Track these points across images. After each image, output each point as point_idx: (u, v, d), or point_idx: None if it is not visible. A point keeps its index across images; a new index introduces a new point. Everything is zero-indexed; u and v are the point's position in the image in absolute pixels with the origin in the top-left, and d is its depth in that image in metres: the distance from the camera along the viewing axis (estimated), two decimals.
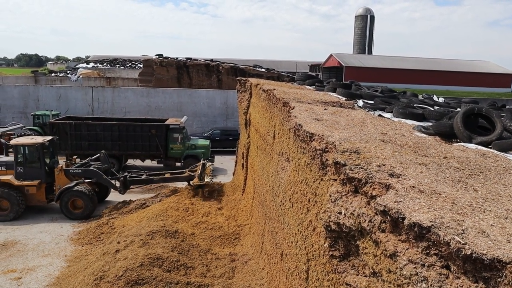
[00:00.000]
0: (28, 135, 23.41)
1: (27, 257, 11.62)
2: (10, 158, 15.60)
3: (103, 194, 16.85)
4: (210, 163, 18.38)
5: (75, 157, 18.02)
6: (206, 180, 15.69)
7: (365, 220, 3.62)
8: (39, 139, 15.57)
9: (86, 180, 15.71)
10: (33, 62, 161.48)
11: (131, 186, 16.79)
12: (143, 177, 16.71)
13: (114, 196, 17.17)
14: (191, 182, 15.90)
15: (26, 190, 14.78)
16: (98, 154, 16.82)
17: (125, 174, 16.72)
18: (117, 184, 16.09)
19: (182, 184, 18.90)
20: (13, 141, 15.66)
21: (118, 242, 10.94)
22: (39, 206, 15.48)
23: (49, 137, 16.12)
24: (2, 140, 19.42)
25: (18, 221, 14.32)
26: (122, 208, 15.25)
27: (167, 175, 16.94)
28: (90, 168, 15.99)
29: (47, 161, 15.47)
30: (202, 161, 17.42)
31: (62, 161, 16.91)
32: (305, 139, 5.90)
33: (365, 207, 3.73)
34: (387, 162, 4.10)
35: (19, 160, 14.92)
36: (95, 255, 10.87)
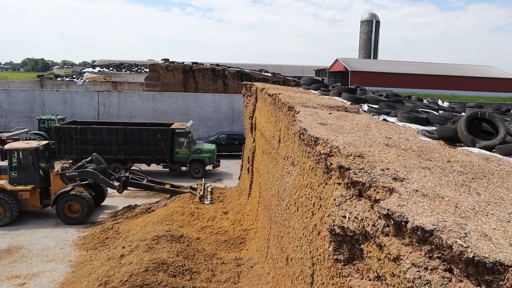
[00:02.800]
0: (34, 139, 23.63)
1: (31, 262, 11.60)
2: (6, 162, 15.42)
3: (100, 198, 16.73)
4: (210, 185, 18.25)
5: (70, 161, 18.01)
6: (206, 203, 15.59)
7: (369, 224, 3.65)
8: (33, 144, 15.44)
9: (82, 183, 15.61)
10: (39, 67, 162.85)
11: (131, 189, 16.70)
12: (144, 181, 16.67)
13: (113, 201, 17.24)
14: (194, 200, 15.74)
15: (19, 195, 14.61)
16: (90, 157, 16.63)
17: (126, 174, 16.67)
18: (115, 183, 15.99)
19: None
20: (7, 146, 15.53)
21: (123, 247, 10.98)
22: (40, 211, 15.43)
23: (44, 142, 16.04)
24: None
25: (22, 226, 14.33)
26: (127, 212, 15.30)
27: (167, 186, 16.90)
28: (86, 169, 15.81)
29: (43, 165, 15.38)
30: (203, 181, 17.43)
31: (58, 166, 16.86)
32: (310, 143, 5.94)
33: (368, 211, 3.76)
34: (391, 166, 4.13)
35: (13, 165, 14.83)
36: (100, 260, 10.89)
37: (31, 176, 14.89)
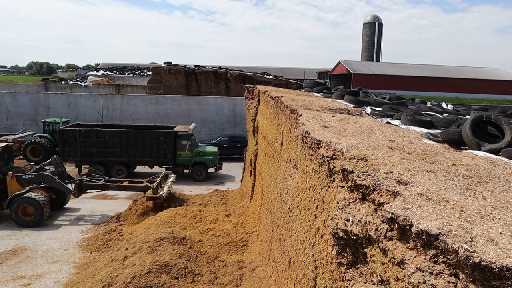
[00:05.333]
0: (39, 141, 23.73)
1: (36, 263, 11.69)
2: None
3: (62, 200, 16.57)
4: (173, 175, 18.25)
5: (32, 163, 17.98)
6: (161, 193, 15.61)
7: (372, 228, 3.61)
8: None
9: (39, 186, 15.53)
10: (44, 70, 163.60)
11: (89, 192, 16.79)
12: (100, 182, 16.62)
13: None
14: (145, 193, 15.82)
15: None
16: (50, 159, 16.55)
17: (81, 177, 16.63)
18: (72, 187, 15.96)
19: (190, 191, 18.98)
20: None
21: (126, 249, 10.99)
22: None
23: (2, 144, 16.01)
24: None
25: (28, 227, 14.41)
26: (130, 214, 15.29)
27: (125, 183, 16.92)
28: (43, 172, 15.73)
29: (0, 168, 15.28)
30: (164, 172, 17.40)
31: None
32: (312, 146, 5.90)
33: (371, 215, 3.72)
34: (394, 169, 4.09)
35: None
36: (103, 262, 10.91)
37: None
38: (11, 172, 15.40)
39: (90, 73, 70.34)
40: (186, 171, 22.11)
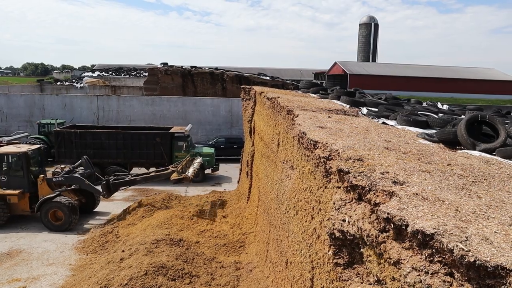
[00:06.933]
0: (34, 143, 23.61)
1: (32, 266, 11.63)
2: None
3: (91, 204, 16.47)
4: (200, 158, 18.30)
5: (62, 166, 17.95)
6: (186, 173, 15.52)
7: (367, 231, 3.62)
8: (23, 148, 15.37)
9: (69, 188, 15.48)
10: (39, 71, 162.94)
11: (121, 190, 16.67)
12: (126, 178, 16.56)
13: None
14: (170, 178, 15.66)
15: (8, 199, 14.57)
16: (80, 161, 16.52)
17: (108, 177, 16.56)
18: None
19: (187, 192, 18.98)
20: None
21: (123, 251, 10.96)
22: (29, 216, 15.28)
23: (35, 146, 15.96)
24: None
25: (23, 229, 14.34)
26: (127, 216, 15.26)
27: (152, 174, 16.82)
28: (72, 174, 15.68)
29: (33, 170, 15.28)
30: (189, 155, 17.32)
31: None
32: (309, 146, 5.92)
33: (368, 217, 3.73)
34: (390, 170, 4.11)
35: (3, 169, 14.80)
36: (99, 264, 10.87)
37: (20, 181, 14.84)
38: (42, 175, 15.38)
39: (86, 74, 70.13)
40: None
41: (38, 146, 16.15)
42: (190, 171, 15.89)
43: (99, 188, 15.84)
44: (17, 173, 14.91)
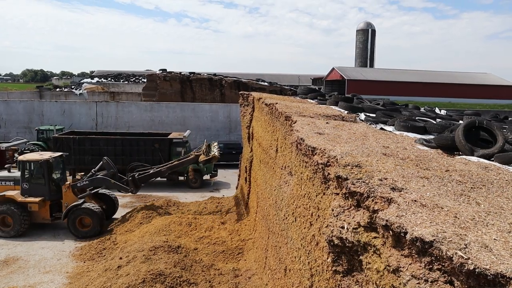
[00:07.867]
0: (33, 150, 23.53)
1: (28, 273, 11.52)
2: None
3: (111, 210, 16.45)
4: (216, 142, 18.56)
5: (81, 173, 17.94)
6: (212, 153, 15.97)
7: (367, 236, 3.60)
8: (45, 156, 15.26)
9: (92, 193, 15.45)
10: (38, 78, 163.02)
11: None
12: (151, 171, 16.54)
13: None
14: (199, 160, 16.05)
15: (29, 207, 14.44)
16: (101, 162, 16.45)
17: (133, 173, 16.44)
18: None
19: (185, 198, 18.90)
20: (20, 157, 15.42)
21: (120, 258, 10.88)
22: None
23: (57, 154, 15.83)
24: None
25: (20, 237, 14.20)
26: (125, 222, 15.17)
27: (175, 163, 16.92)
28: (97, 176, 15.67)
29: (55, 178, 15.20)
30: (206, 141, 17.64)
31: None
32: (307, 153, 5.90)
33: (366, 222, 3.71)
34: (389, 176, 4.09)
35: (25, 176, 14.71)
36: (96, 271, 10.79)
37: (41, 188, 14.72)
38: (67, 183, 15.35)
39: (85, 80, 70.18)
40: (181, 178, 22.02)
41: (60, 153, 16.00)
42: (216, 151, 16.24)
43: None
44: (39, 181, 14.79)
